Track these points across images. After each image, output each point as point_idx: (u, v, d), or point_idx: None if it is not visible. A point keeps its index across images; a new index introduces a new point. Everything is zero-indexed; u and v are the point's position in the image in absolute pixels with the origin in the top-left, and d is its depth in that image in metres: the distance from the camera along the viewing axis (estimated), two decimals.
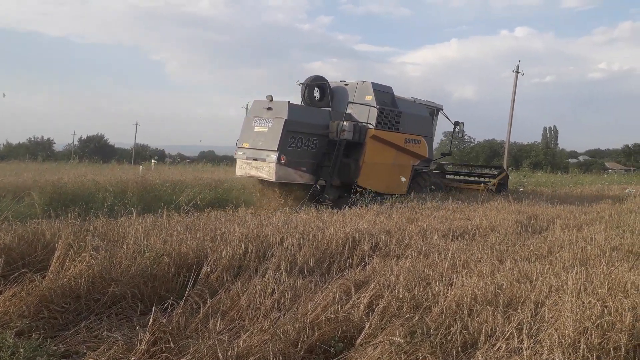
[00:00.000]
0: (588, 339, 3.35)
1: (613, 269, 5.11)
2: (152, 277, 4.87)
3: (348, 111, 14.31)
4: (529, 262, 5.87)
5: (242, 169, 13.43)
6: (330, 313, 3.87)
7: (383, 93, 14.83)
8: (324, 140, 13.59)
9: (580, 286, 4.46)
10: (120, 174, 16.04)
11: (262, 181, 13.22)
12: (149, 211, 8.57)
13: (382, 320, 3.78)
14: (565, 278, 4.73)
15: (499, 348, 3.16)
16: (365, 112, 14.22)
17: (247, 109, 64.40)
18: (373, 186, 13.84)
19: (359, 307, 4.04)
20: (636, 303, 3.94)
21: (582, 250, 6.43)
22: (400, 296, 4.21)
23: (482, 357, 3.08)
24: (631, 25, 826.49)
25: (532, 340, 3.31)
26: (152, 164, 25.44)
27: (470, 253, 6.39)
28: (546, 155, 68.57)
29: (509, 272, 5.02)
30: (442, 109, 17.60)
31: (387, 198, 12.84)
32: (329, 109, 14.32)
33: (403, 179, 15.03)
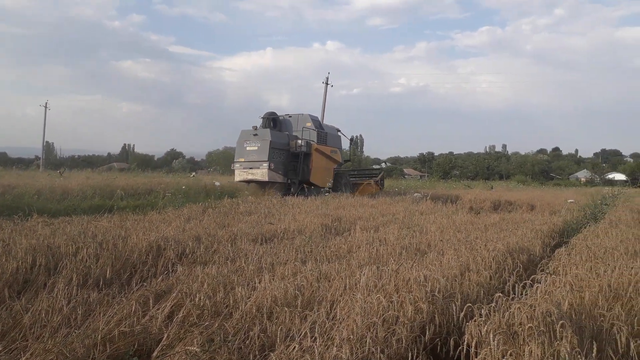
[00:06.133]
0: (374, 333, 3.61)
1: (399, 267, 5.56)
2: None
3: (296, 134, 21.88)
4: (329, 262, 6.17)
5: (241, 175, 20.42)
6: (126, 327, 3.66)
7: (315, 121, 22.99)
8: (288, 153, 21.02)
9: (371, 283, 4.80)
10: None
11: (252, 183, 19.99)
12: None
13: (181, 330, 3.68)
14: (358, 276, 5.04)
15: (293, 348, 3.27)
16: (307, 134, 21.86)
17: (46, 107, 59.10)
18: (317, 182, 21.65)
19: (158, 318, 3.89)
20: (417, 297, 4.34)
21: (376, 250, 6.92)
22: (202, 304, 4.14)
23: (276, 358, 3.15)
24: (426, 45, 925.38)
25: (324, 338, 3.48)
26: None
27: (276, 256, 6.54)
28: (353, 162, 73.64)
29: (310, 273, 5.21)
30: (340, 130, 24.97)
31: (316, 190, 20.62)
32: (287, 132, 21.82)
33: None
